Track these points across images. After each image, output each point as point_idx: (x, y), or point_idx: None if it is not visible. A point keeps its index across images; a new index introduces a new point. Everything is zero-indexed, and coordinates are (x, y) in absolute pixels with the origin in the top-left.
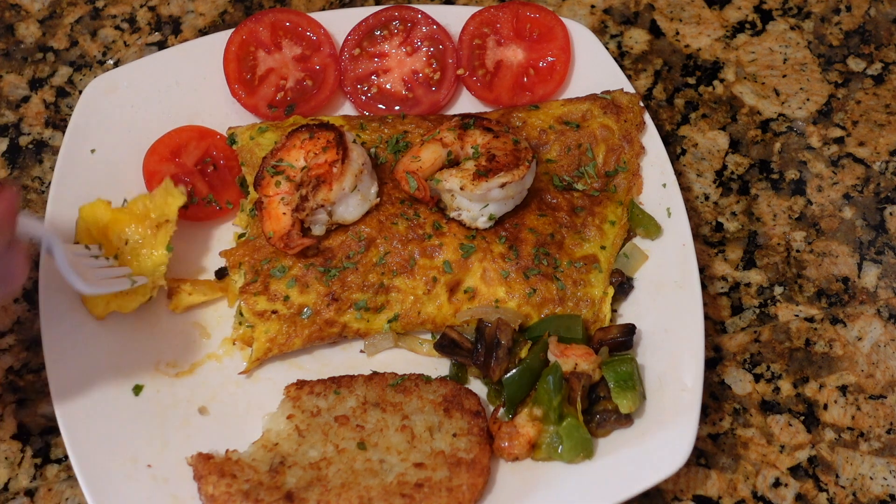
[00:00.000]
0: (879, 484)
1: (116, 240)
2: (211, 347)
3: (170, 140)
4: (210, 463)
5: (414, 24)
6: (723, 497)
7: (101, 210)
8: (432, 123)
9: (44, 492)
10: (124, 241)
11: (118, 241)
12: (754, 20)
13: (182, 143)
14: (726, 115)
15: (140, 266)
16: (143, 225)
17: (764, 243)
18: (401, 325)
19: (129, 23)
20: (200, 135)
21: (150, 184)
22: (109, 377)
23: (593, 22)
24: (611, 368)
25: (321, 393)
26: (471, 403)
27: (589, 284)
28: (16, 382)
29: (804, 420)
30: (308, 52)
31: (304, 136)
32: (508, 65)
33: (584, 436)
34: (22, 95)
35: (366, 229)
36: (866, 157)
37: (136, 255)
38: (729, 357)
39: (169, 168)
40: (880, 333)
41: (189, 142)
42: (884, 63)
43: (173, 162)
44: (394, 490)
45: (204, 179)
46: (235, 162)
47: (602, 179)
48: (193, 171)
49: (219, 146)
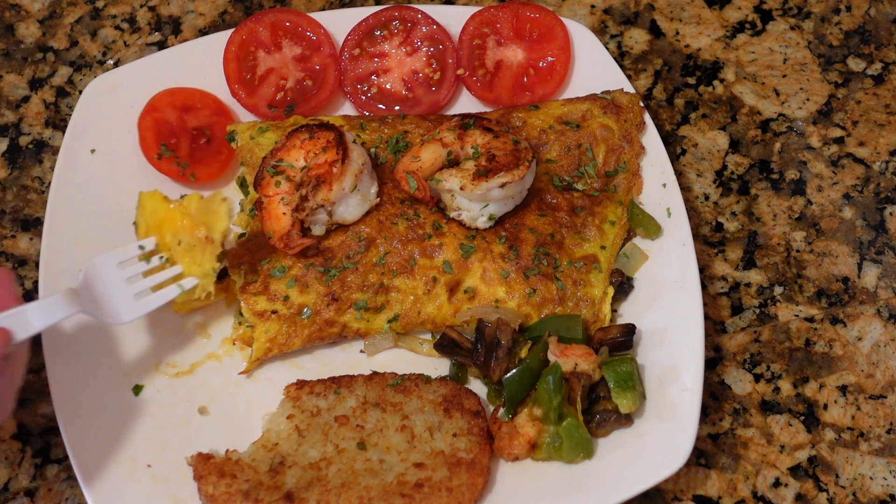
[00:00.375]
0: (879, 484)
1: (170, 237)
2: (211, 347)
3: (190, 94)
4: (210, 463)
5: (414, 24)
6: (723, 497)
7: (157, 202)
8: (432, 123)
9: (44, 492)
10: (177, 241)
11: (172, 239)
12: (754, 20)
13: (195, 103)
14: (726, 115)
15: (190, 268)
16: (194, 231)
17: (764, 243)
18: (401, 325)
19: (129, 23)
20: (217, 110)
21: (144, 117)
22: (109, 377)
23: (593, 22)
24: (611, 368)
25: (321, 393)
26: (471, 403)
27: (589, 284)
28: None
29: (804, 420)
30: (308, 52)
31: (304, 136)
32: (508, 65)
33: (584, 436)
34: (22, 95)
35: (366, 229)
36: (866, 157)
37: (187, 257)
38: (729, 357)
39: (170, 115)
40: (880, 333)
41: (204, 108)
42: (884, 63)
43: (176, 112)
44: (394, 490)
45: (191, 145)
46: (227, 147)
47: (602, 179)
48: (188, 132)
49: (224, 127)
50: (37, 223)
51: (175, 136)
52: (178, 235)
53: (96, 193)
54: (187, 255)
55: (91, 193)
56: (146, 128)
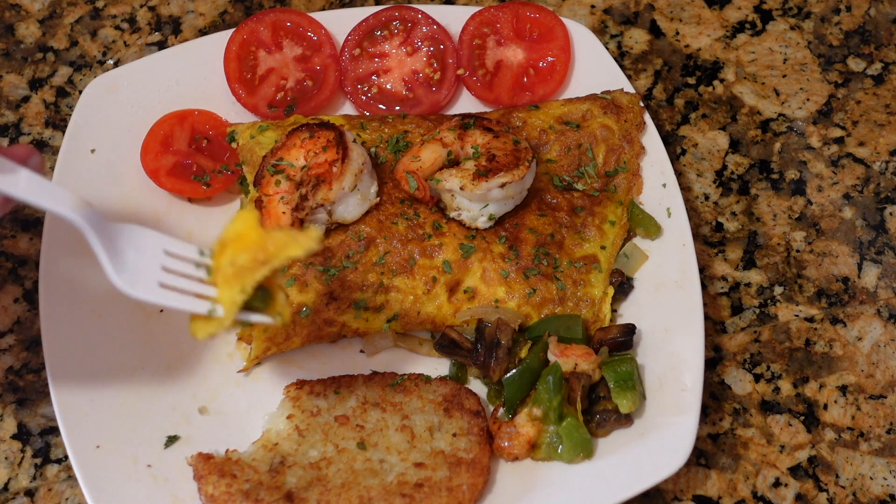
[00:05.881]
0: (879, 484)
1: (230, 256)
2: (211, 347)
3: (155, 135)
4: (210, 463)
5: (414, 24)
6: (723, 497)
7: (248, 222)
8: (432, 123)
9: (44, 492)
10: (231, 262)
11: (229, 258)
12: (754, 20)
13: (167, 132)
14: (726, 115)
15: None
16: (256, 253)
17: (764, 243)
18: (400, 325)
19: (129, 23)
20: (179, 118)
21: (157, 180)
22: (109, 377)
23: (593, 22)
24: (611, 368)
25: (321, 393)
26: (471, 403)
27: (589, 284)
28: (16, 382)
29: (804, 420)
30: (309, 52)
31: (305, 135)
32: (508, 65)
33: (584, 436)
34: (22, 95)
35: (365, 229)
36: (866, 157)
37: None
38: (729, 357)
39: (168, 159)
40: (880, 333)
41: (173, 129)
42: (884, 63)
43: (168, 152)
44: (394, 490)
45: (204, 154)
46: (223, 128)
47: (602, 179)
48: (191, 151)
49: (200, 120)
50: (37, 223)
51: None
52: (238, 256)
53: (96, 193)
54: (230, 280)
55: (91, 193)
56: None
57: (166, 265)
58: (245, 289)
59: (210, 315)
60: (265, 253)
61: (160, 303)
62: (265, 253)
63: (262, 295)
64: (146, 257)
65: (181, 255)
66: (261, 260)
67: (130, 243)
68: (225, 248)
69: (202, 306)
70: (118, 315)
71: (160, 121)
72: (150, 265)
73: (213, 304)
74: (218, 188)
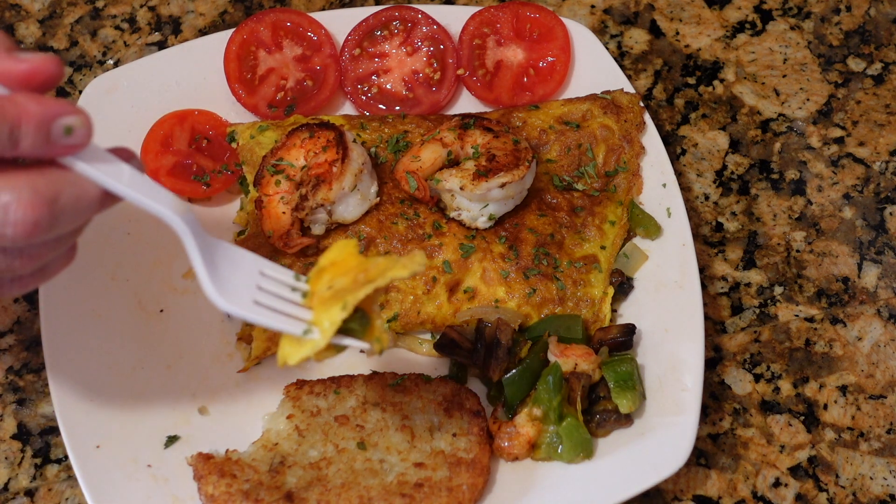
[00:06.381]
0: (879, 484)
1: (327, 279)
2: (211, 347)
3: (155, 135)
4: (210, 463)
5: (414, 24)
6: (723, 497)
7: (347, 250)
8: (432, 123)
9: (44, 492)
10: (328, 286)
11: (327, 281)
12: (754, 20)
13: (167, 132)
14: (726, 115)
15: (320, 317)
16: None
17: (764, 243)
18: (400, 325)
19: (129, 23)
20: (179, 118)
21: (157, 180)
22: (109, 377)
23: (593, 22)
24: (611, 368)
25: (321, 393)
26: (471, 403)
27: (589, 284)
28: (16, 382)
29: (804, 420)
30: (309, 52)
31: (305, 135)
32: (508, 65)
33: (584, 436)
34: None
35: (365, 229)
36: (866, 157)
37: (325, 306)
38: (729, 357)
39: (167, 160)
40: (880, 333)
41: (173, 129)
42: (884, 63)
43: (168, 152)
44: (394, 490)
45: (204, 155)
46: (223, 128)
47: (602, 179)
48: (191, 151)
49: (200, 120)
50: None
51: (190, 163)
52: (337, 279)
53: None
54: (329, 302)
55: None
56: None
57: (261, 285)
58: (346, 306)
59: (304, 337)
60: (367, 275)
61: (254, 319)
62: (367, 275)
63: (360, 318)
64: (241, 274)
65: (277, 277)
66: (362, 281)
67: (226, 257)
68: (322, 273)
69: (297, 327)
70: (118, 315)
71: (160, 121)
72: (244, 282)
73: (310, 325)
74: (218, 188)
